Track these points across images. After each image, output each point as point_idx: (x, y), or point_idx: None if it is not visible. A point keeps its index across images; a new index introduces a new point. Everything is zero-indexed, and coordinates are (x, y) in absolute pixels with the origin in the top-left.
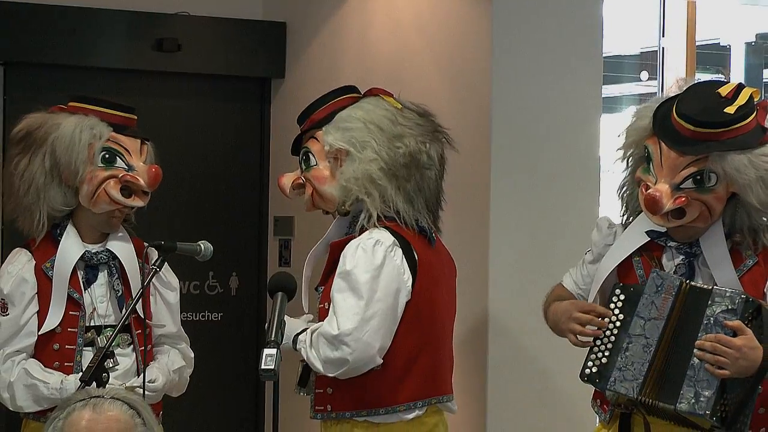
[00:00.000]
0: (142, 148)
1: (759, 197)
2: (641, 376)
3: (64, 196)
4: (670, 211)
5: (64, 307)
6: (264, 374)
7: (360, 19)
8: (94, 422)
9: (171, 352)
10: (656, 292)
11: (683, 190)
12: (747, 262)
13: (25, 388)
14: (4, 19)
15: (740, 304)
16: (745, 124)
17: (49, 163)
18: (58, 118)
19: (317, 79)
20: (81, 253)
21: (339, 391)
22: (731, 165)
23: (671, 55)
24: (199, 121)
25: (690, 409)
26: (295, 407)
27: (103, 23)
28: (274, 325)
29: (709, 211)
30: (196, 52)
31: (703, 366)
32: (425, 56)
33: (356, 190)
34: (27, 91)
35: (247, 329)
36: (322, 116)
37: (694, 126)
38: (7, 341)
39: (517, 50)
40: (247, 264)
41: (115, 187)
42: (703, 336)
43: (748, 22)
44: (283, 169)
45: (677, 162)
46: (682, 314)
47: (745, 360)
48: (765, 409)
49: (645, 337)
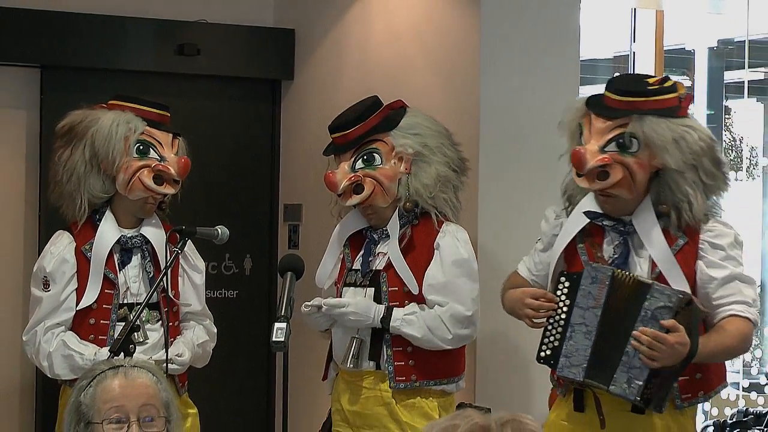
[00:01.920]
0: (173, 141)
1: (676, 160)
2: (585, 361)
3: (103, 184)
4: (596, 173)
5: (100, 285)
6: (275, 346)
7: (361, 26)
8: (127, 387)
9: (196, 327)
10: (591, 283)
11: (607, 152)
12: (678, 241)
13: (63, 358)
14: (41, 27)
15: (676, 301)
16: (665, 99)
17: (88, 153)
18: (98, 114)
19: (323, 81)
20: (117, 237)
21: (420, 363)
22: (649, 126)
23: (641, 59)
24: (216, 118)
25: (621, 392)
26: (302, 375)
27: (130, 30)
28: (284, 302)
29: (632, 176)
30: (214, 56)
31: (637, 354)
32: (420, 60)
33: (434, 189)
34: (62, 91)
35: (260, 305)
36: (377, 122)
37: (619, 95)
38: (48, 315)
39: (502, 55)
40: (260, 247)
41: (149, 176)
42: (640, 327)
43: (711, 29)
44: (291, 162)
45: (602, 127)
46: (621, 303)
47: (675, 354)
48: (701, 375)
49: (585, 325)
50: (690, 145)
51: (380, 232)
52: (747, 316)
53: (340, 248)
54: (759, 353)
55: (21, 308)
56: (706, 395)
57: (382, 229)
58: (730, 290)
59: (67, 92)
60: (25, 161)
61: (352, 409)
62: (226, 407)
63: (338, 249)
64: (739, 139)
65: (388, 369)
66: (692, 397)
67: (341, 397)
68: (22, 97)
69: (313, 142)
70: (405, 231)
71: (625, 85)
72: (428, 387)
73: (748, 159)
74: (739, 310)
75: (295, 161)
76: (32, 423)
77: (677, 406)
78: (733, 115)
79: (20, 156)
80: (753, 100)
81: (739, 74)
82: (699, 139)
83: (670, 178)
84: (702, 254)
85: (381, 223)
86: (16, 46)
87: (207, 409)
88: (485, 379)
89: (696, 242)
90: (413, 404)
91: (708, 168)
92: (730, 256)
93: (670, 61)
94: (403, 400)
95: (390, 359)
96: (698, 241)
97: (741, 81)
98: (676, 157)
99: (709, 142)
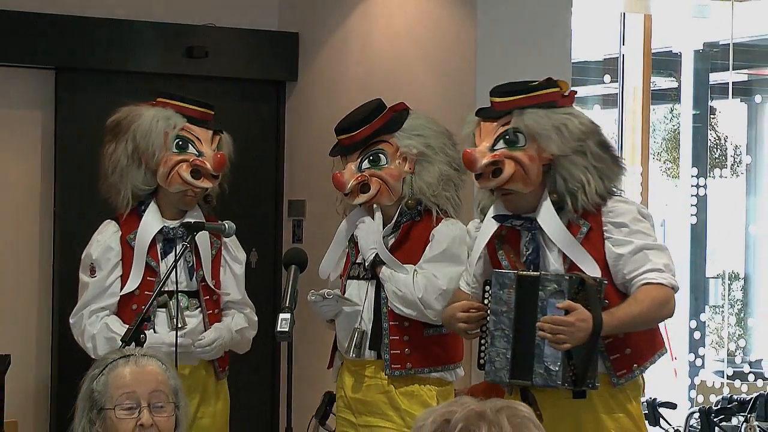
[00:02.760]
0: (214, 138)
1: (559, 145)
2: (508, 364)
3: (144, 177)
4: (489, 171)
5: (142, 273)
6: (279, 335)
7: (362, 30)
8: (138, 374)
9: (236, 315)
10: (500, 289)
11: (496, 150)
12: (582, 229)
13: (105, 340)
14: (55, 30)
15: (565, 284)
16: (545, 93)
17: (130, 147)
18: (141, 110)
19: (325, 82)
20: (160, 228)
21: (416, 351)
22: (530, 118)
23: (630, 61)
24: (223, 118)
25: (544, 382)
26: (306, 364)
27: (141, 33)
28: (289, 294)
29: (524, 169)
30: (221, 58)
31: (546, 343)
32: (419, 62)
33: (437, 188)
34: (75, 92)
35: (265, 297)
36: (382, 124)
37: (500, 96)
38: (93, 299)
39: (497, 57)
40: (265, 241)
41: (186, 170)
42: (541, 317)
43: (697, 33)
44: (296, 159)
45: (489, 128)
46: (520, 301)
47: (580, 331)
48: (631, 349)
49: (502, 329)
50: (571, 130)
51: (384, 229)
52: (660, 282)
53: (345, 243)
54: (743, 343)
55: (37, 303)
56: (641, 367)
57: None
58: (639, 262)
59: (80, 93)
60: (40, 160)
61: (355, 397)
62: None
63: (343, 244)
64: (724, 138)
65: (385, 357)
66: (627, 372)
67: (345, 385)
68: (37, 98)
69: (316, 140)
70: (404, 226)
71: (507, 87)
72: (425, 375)
73: (732, 157)
74: (650, 278)
75: (299, 159)
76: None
77: (614, 384)
78: (718, 115)
79: (35, 155)
80: (737, 100)
81: (723, 76)
82: (580, 124)
83: (562, 168)
84: (608, 235)
85: (385, 220)
86: (32, 49)
87: None
88: None
89: (600, 225)
90: (412, 392)
91: (594, 150)
92: (634, 230)
93: (657, 63)
94: (401, 387)
95: (386, 347)
96: (601, 224)
97: (725, 82)
98: (559, 143)
99: (590, 125)
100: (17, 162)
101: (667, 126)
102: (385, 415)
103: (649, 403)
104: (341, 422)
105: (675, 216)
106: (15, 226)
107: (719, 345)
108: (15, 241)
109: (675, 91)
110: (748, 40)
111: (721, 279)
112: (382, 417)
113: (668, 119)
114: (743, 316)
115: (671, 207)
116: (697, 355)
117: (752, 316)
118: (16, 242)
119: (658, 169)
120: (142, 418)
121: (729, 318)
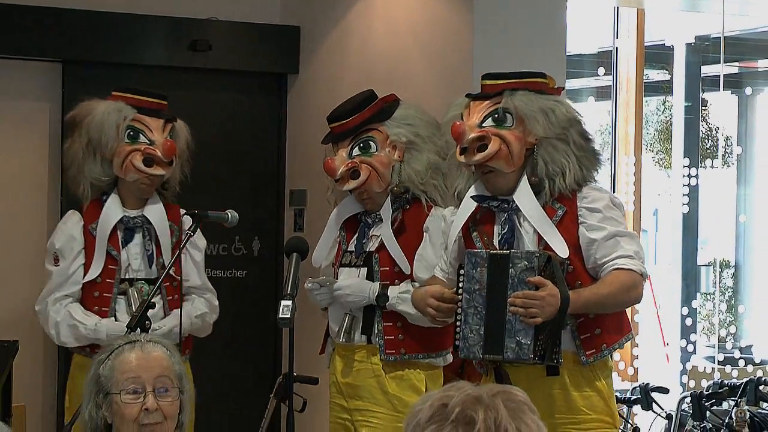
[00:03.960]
0: (165, 126)
1: (545, 128)
2: (481, 340)
3: (101, 168)
4: (475, 146)
5: (103, 261)
6: (281, 322)
7: (363, 24)
8: (143, 360)
9: (196, 300)
10: (473, 268)
11: (484, 127)
12: (558, 212)
13: (68, 327)
14: (62, 24)
15: (535, 260)
16: (535, 81)
17: (85, 140)
18: (93, 105)
19: (326, 75)
20: (120, 217)
21: (409, 337)
22: (520, 99)
23: (623, 54)
24: (227, 110)
25: (516, 356)
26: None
27: (146, 27)
28: (290, 281)
29: (509, 148)
30: (224, 51)
31: (517, 319)
32: (417, 55)
33: (425, 176)
34: (82, 85)
35: (267, 284)
36: (372, 113)
37: (492, 79)
38: (57, 287)
39: (494, 50)
40: (267, 229)
41: (139, 159)
42: (512, 293)
43: (689, 26)
44: (297, 150)
45: (479, 107)
46: (496, 278)
47: (550, 306)
48: (600, 330)
49: (475, 307)
50: (558, 116)
51: (374, 216)
52: (629, 267)
53: (336, 232)
54: (733, 329)
55: None
56: (609, 348)
57: (375, 214)
58: (610, 248)
59: (87, 86)
60: (48, 151)
61: (345, 381)
62: (234, 379)
63: (334, 232)
64: (715, 130)
65: (379, 343)
66: (596, 352)
67: (336, 370)
68: (44, 90)
69: (317, 131)
70: (397, 215)
71: (499, 72)
72: (416, 360)
73: (724, 148)
74: (620, 264)
75: (301, 149)
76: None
77: (584, 363)
78: (710, 107)
79: (43, 147)
80: (728, 93)
81: (715, 68)
82: (567, 112)
83: (545, 151)
84: (582, 220)
85: (375, 207)
86: (40, 42)
87: (216, 380)
88: None
89: (574, 210)
90: (402, 376)
91: (577, 139)
92: (607, 217)
93: (650, 56)
94: (391, 371)
95: (381, 333)
96: (576, 209)
97: (717, 75)
98: (546, 126)
99: (576, 115)
100: (25, 154)
101: (660, 117)
102: (375, 398)
103: (642, 388)
104: (333, 407)
105: (667, 205)
106: (22, 216)
107: (710, 331)
108: (22, 231)
109: (667, 83)
110: (739, 34)
111: (712, 267)
112: (372, 401)
113: (661, 111)
114: (734, 303)
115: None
116: (688, 341)
117: (742, 303)
118: (24, 232)
119: (651, 160)
120: (147, 402)
121: (720, 305)
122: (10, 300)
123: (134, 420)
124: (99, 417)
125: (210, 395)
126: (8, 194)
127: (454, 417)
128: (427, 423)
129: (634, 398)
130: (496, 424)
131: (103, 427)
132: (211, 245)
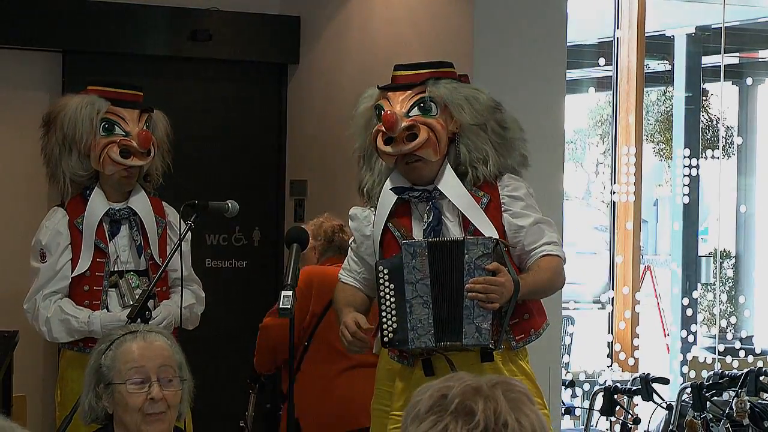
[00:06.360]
0: (141, 116)
1: (471, 116)
2: (432, 328)
3: (80, 163)
4: (404, 135)
5: (92, 255)
6: (282, 312)
7: (362, 14)
8: (146, 349)
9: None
10: (413, 258)
11: (411, 117)
12: (483, 200)
13: (60, 322)
14: (63, 13)
15: (491, 247)
16: (450, 71)
17: (60, 136)
18: (67, 99)
19: (326, 65)
20: (105, 210)
21: (532, 315)
22: (445, 88)
23: (624, 44)
24: (227, 100)
25: (475, 342)
26: None
27: (147, 17)
28: (290, 271)
29: (436, 137)
30: (225, 41)
31: (475, 304)
32: (416, 45)
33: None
34: (83, 74)
35: (267, 275)
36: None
37: (408, 70)
38: (45, 284)
39: (494, 41)
40: (268, 220)
41: (115, 151)
42: (469, 280)
43: (690, 17)
44: (297, 140)
45: (402, 97)
46: (444, 266)
47: (507, 291)
48: (528, 315)
49: (420, 296)
50: (482, 103)
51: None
52: (557, 254)
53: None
54: (734, 320)
55: None
56: (536, 332)
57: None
58: (537, 234)
59: (87, 75)
60: None
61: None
62: (235, 369)
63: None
64: (716, 120)
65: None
66: (525, 337)
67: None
68: (45, 80)
69: (317, 121)
70: None
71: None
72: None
73: (724, 138)
74: (549, 250)
75: (301, 140)
76: None
77: (513, 348)
78: (710, 98)
79: None
80: (729, 83)
81: (715, 59)
82: (488, 99)
83: (468, 139)
84: (506, 207)
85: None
86: (40, 32)
87: (216, 370)
88: None
89: (498, 198)
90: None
91: (495, 127)
92: (529, 204)
93: (651, 47)
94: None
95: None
96: (499, 196)
97: (717, 65)
98: (471, 113)
99: (495, 104)
100: (25, 144)
101: (661, 108)
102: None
103: (642, 378)
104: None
105: (668, 196)
106: (22, 206)
107: (711, 322)
108: (22, 222)
109: (668, 73)
110: (740, 24)
111: (712, 257)
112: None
113: (661, 101)
114: (734, 294)
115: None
116: (689, 332)
117: (743, 294)
118: (24, 222)
119: (652, 150)
120: (153, 392)
121: (720, 295)
122: (10, 290)
123: (138, 409)
124: (99, 407)
125: (209, 386)
126: (8, 183)
127: (454, 408)
128: (427, 414)
129: (635, 389)
130: (496, 415)
131: (103, 417)
132: (212, 235)
